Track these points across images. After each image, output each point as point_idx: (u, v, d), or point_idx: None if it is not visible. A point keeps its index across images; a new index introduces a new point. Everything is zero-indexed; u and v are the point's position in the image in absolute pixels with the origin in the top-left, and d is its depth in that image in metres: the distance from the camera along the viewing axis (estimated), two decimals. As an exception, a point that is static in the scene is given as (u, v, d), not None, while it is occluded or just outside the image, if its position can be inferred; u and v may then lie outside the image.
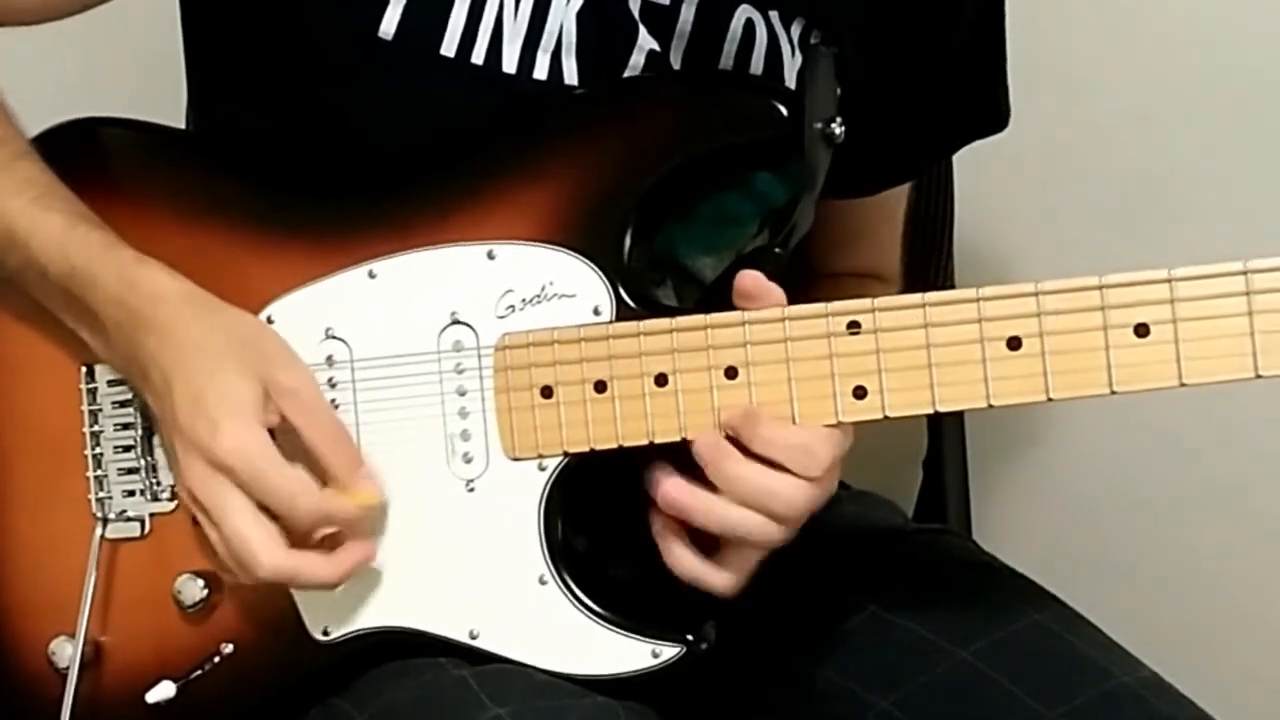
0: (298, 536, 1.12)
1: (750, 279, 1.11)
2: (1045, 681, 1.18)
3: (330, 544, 1.14)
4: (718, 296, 1.16)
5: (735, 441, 1.10)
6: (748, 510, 1.10)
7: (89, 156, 1.24)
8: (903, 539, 1.35)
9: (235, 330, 1.14)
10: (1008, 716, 1.17)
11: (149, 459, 1.21)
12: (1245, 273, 1.05)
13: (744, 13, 1.22)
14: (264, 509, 1.11)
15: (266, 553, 1.11)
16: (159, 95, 1.35)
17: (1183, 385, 1.06)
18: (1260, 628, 1.75)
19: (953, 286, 1.54)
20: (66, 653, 1.20)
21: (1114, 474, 1.76)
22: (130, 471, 1.21)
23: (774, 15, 1.23)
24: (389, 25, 1.19)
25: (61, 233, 1.16)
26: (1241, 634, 1.75)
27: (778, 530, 1.11)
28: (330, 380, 1.17)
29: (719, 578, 1.13)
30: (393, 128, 1.20)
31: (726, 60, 1.22)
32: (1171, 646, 1.30)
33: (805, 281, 1.21)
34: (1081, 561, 1.72)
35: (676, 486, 1.11)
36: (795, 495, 1.10)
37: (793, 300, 1.12)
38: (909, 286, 1.42)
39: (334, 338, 1.17)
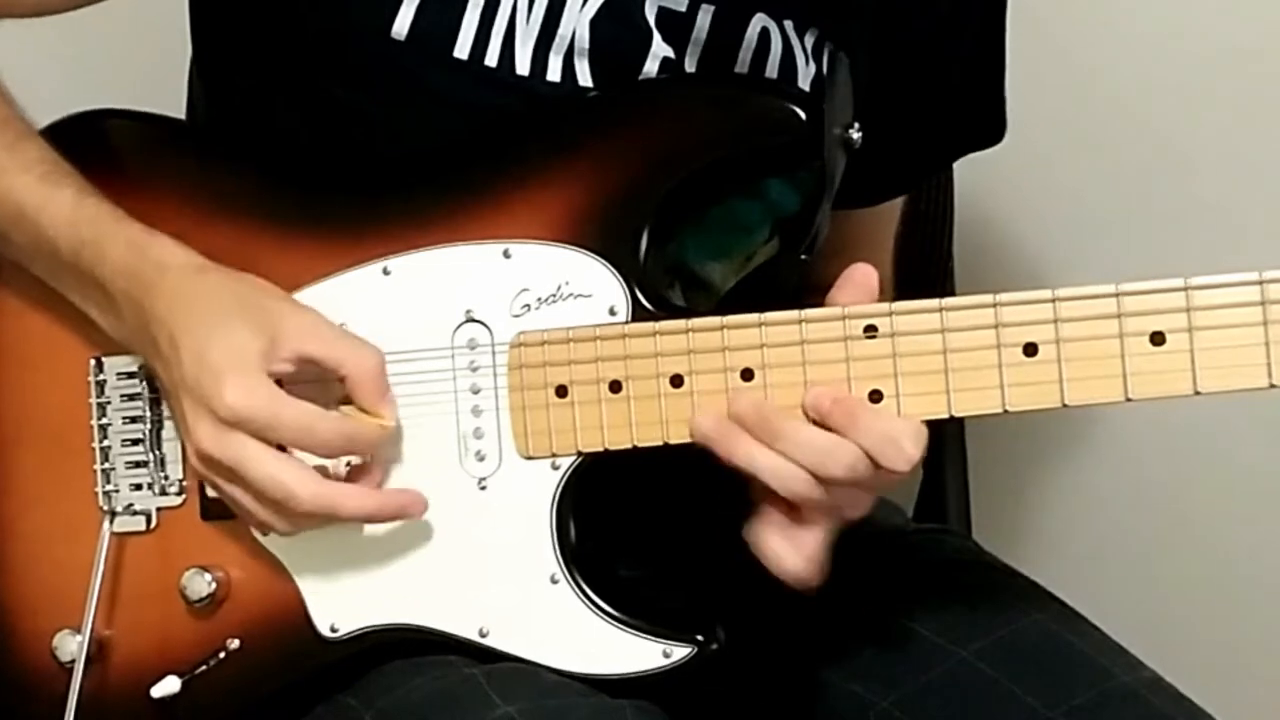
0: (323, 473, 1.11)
1: (866, 271, 1.10)
2: (1045, 681, 1.18)
3: (365, 484, 1.13)
4: (733, 302, 1.16)
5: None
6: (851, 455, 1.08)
7: (100, 149, 1.22)
8: (903, 539, 1.35)
9: (242, 290, 1.14)
10: (1008, 716, 1.18)
11: (157, 452, 1.20)
12: (1261, 283, 1.06)
13: (759, 21, 1.22)
14: (282, 451, 1.10)
15: (301, 484, 1.10)
16: (157, 93, 1.34)
17: (1197, 394, 1.06)
18: (1260, 627, 1.76)
19: (953, 287, 1.55)
20: (69, 647, 1.19)
21: (1114, 474, 1.77)
22: (138, 465, 1.21)
23: (789, 25, 1.23)
24: (402, 26, 1.19)
25: (71, 206, 1.16)
26: (1242, 634, 1.76)
27: (854, 504, 1.11)
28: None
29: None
30: (406, 127, 1.19)
31: (741, 68, 1.22)
32: (1171, 646, 1.31)
33: (802, 294, 1.20)
34: (1081, 561, 1.73)
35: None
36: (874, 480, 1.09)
37: None
38: (908, 286, 1.42)
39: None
